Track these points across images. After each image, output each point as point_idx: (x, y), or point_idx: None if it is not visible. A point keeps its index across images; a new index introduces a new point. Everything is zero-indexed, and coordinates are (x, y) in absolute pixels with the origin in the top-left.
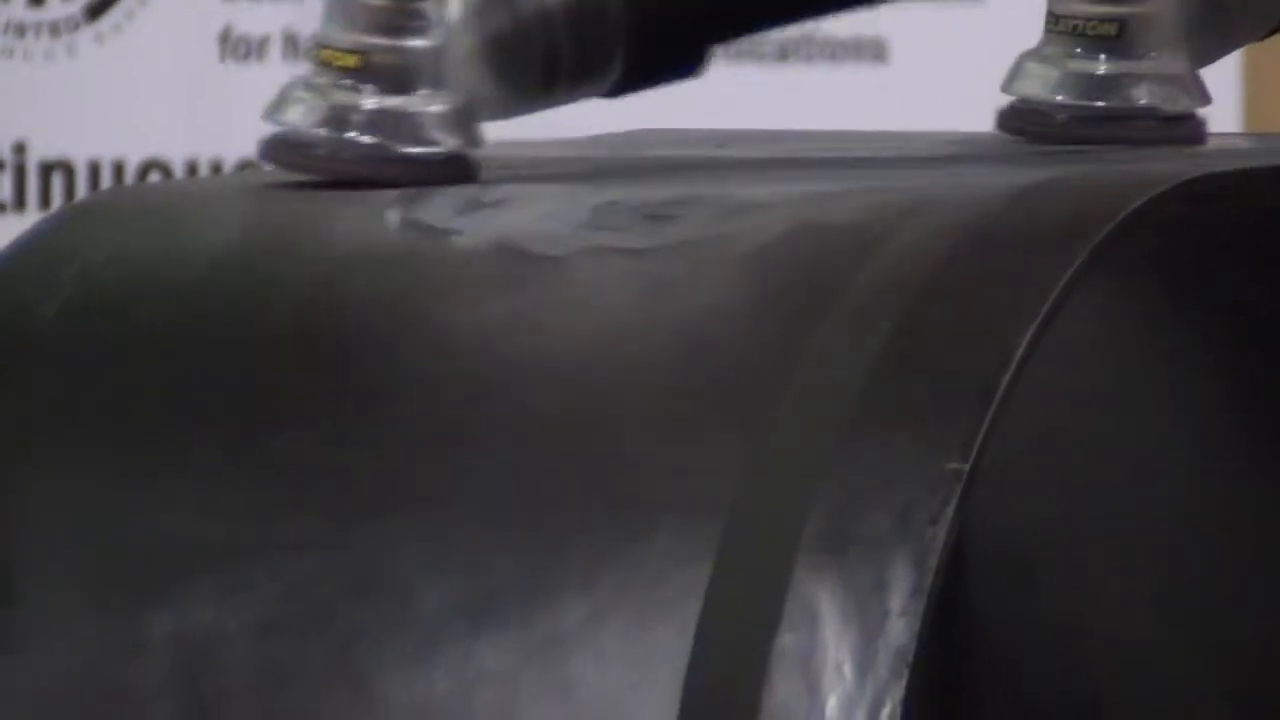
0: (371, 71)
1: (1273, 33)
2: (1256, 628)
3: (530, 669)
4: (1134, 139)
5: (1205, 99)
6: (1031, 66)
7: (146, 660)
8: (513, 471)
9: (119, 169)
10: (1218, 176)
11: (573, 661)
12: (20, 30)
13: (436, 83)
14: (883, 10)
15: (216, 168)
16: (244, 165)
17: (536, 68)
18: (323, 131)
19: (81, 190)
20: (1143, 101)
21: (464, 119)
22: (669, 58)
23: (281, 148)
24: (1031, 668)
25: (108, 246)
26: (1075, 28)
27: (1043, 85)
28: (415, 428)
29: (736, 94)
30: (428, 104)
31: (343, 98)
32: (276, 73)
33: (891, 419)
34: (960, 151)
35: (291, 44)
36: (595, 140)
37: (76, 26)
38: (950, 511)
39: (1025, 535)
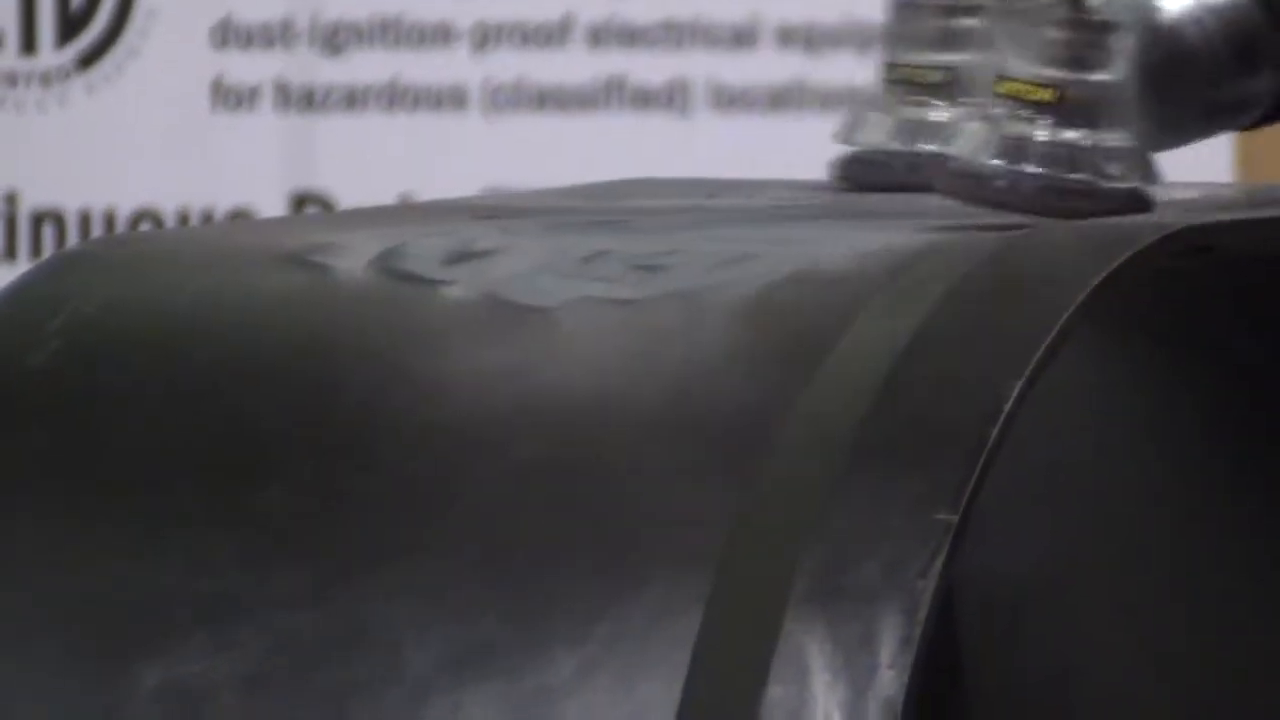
0: (1065, 105)
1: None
2: (1245, 674)
3: None
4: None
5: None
6: (868, 116)
7: (137, 713)
8: (502, 524)
9: (110, 218)
10: (1204, 228)
11: (562, 714)
12: (11, 80)
13: (1119, 117)
14: (873, 58)
15: (208, 217)
16: (235, 214)
17: (1198, 100)
18: (1001, 163)
19: (73, 240)
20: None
21: (1142, 153)
22: None
23: (954, 178)
24: (1019, 713)
25: (97, 296)
26: (907, 76)
27: (879, 133)
28: (405, 481)
29: (728, 143)
30: (1113, 138)
31: (1021, 129)
32: (268, 122)
33: (881, 471)
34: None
35: (283, 93)
36: (586, 189)
37: (68, 76)
38: (940, 563)
39: (1015, 585)
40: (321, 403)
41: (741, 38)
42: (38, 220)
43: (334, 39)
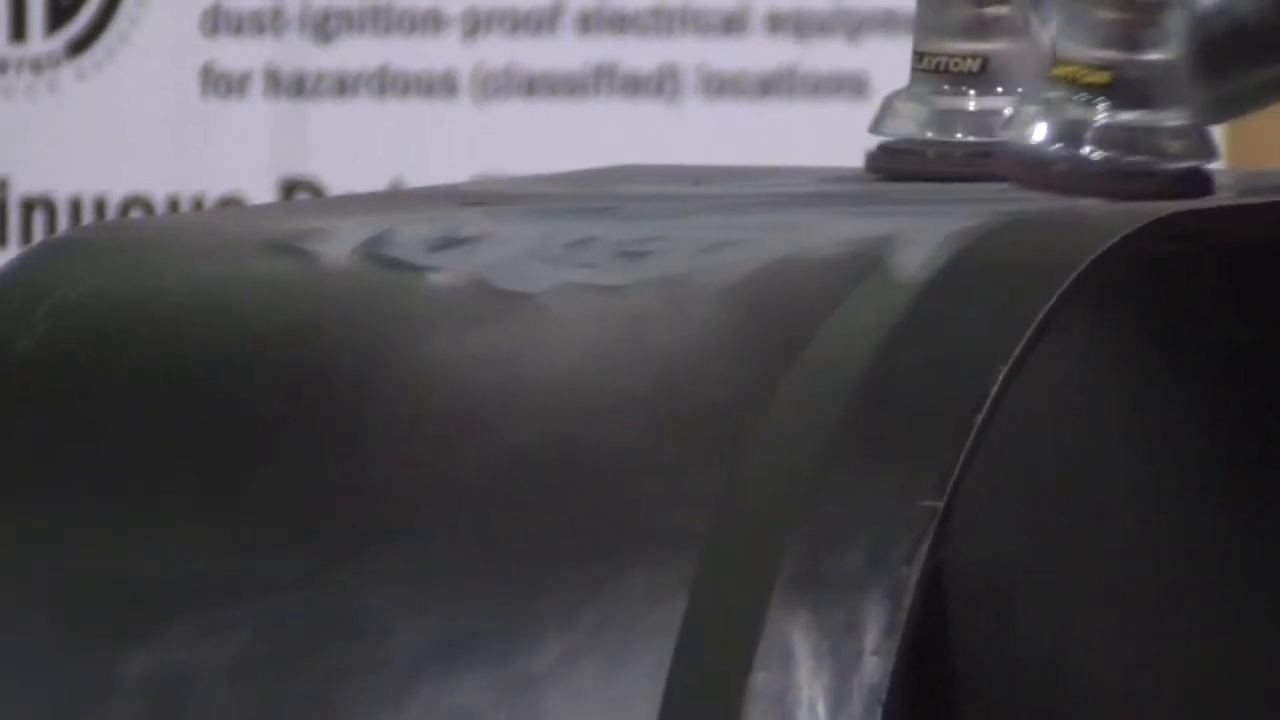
0: (1121, 87)
1: None
2: (1234, 663)
3: (505, 708)
4: (998, 174)
5: None
6: (900, 105)
7: (123, 698)
8: (488, 510)
9: (101, 205)
10: (1193, 213)
11: (547, 700)
12: (2, 66)
13: (1175, 96)
14: (864, 45)
15: (198, 204)
16: (225, 201)
17: (1251, 74)
18: (1061, 147)
19: (63, 227)
20: (1004, 135)
21: (1199, 131)
22: None
23: (1016, 164)
24: (1007, 704)
25: (85, 282)
26: (940, 65)
27: (911, 123)
28: (392, 466)
29: (718, 130)
30: (1170, 118)
31: (1078, 112)
32: (258, 109)
33: (866, 457)
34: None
35: (273, 80)
36: (572, 176)
37: (58, 63)
38: (924, 550)
39: (1002, 572)
40: (308, 388)
41: (731, 24)
42: (28, 207)
43: (324, 26)
